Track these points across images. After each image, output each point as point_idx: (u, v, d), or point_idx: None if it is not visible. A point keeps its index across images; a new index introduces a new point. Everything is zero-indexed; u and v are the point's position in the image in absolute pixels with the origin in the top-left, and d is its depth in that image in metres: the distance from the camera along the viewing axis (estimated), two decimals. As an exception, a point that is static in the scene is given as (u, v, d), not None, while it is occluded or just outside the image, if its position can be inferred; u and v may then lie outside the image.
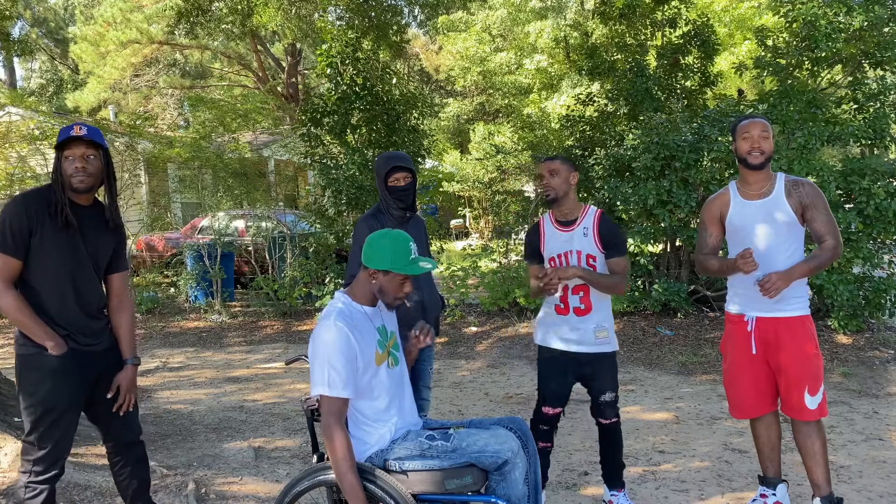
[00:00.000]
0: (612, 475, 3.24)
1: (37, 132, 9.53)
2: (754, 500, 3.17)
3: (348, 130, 8.42)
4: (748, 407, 3.07)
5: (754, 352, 2.96)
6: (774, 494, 3.10)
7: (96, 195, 2.69)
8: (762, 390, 3.01)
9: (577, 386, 3.25)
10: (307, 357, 2.65)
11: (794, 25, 7.20)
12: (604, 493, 3.31)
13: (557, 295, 3.08)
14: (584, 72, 8.79)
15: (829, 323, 6.38)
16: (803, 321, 2.92)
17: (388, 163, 3.15)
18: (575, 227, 3.10)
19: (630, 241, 7.27)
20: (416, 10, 17.33)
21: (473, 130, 21.97)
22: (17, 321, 2.50)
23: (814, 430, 2.93)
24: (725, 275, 3.06)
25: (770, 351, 2.93)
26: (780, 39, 7.56)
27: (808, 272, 2.84)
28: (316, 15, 14.66)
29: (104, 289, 2.77)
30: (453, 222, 21.84)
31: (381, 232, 2.43)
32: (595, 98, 8.53)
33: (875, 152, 7.08)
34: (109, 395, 2.66)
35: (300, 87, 20.33)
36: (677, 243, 7.59)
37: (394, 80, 8.89)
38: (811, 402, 2.89)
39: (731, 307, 3.08)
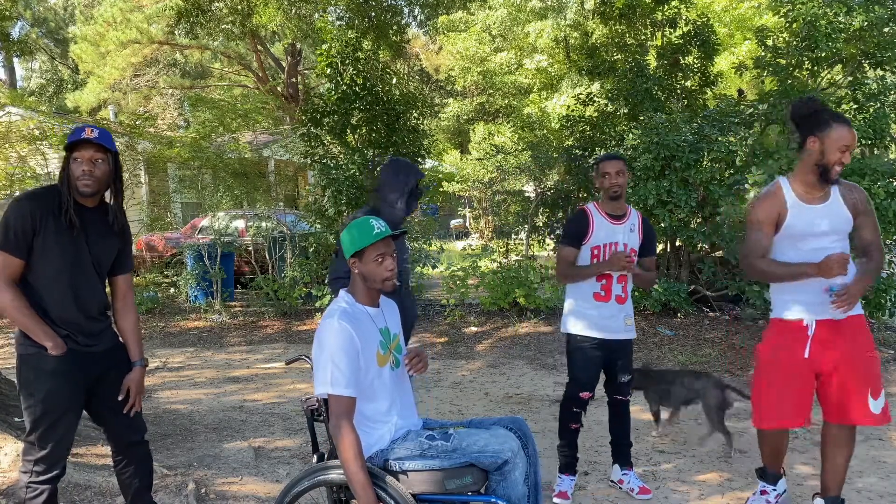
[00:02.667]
0: (623, 452, 3.52)
1: (37, 132, 9.53)
2: (754, 495, 3.16)
3: (348, 130, 8.42)
4: (787, 416, 2.87)
5: (806, 356, 2.80)
6: (775, 489, 3.09)
7: (104, 197, 2.68)
8: (804, 399, 2.85)
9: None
10: (307, 357, 2.65)
11: (794, 25, 7.20)
12: (613, 473, 3.55)
13: (600, 283, 3.33)
14: (584, 72, 8.80)
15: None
16: (860, 320, 2.82)
17: (418, 172, 3.34)
18: (625, 221, 3.39)
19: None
20: (416, 10, 17.33)
21: (473, 130, 21.98)
22: (16, 320, 2.50)
23: (852, 437, 2.84)
24: (792, 280, 2.81)
25: (828, 354, 2.78)
26: (780, 39, 7.56)
27: (872, 282, 2.82)
28: (316, 15, 14.66)
29: (108, 290, 2.77)
30: (453, 222, 21.85)
31: (347, 227, 2.46)
32: (595, 98, 8.53)
33: (875, 152, 7.08)
34: (120, 398, 2.66)
35: (300, 87, 20.31)
36: (677, 243, 7.59)
37: (394, 80, 8.88)
38: (875, 406, 2.76)
39: (789, 314, 2.86)
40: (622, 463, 3.52)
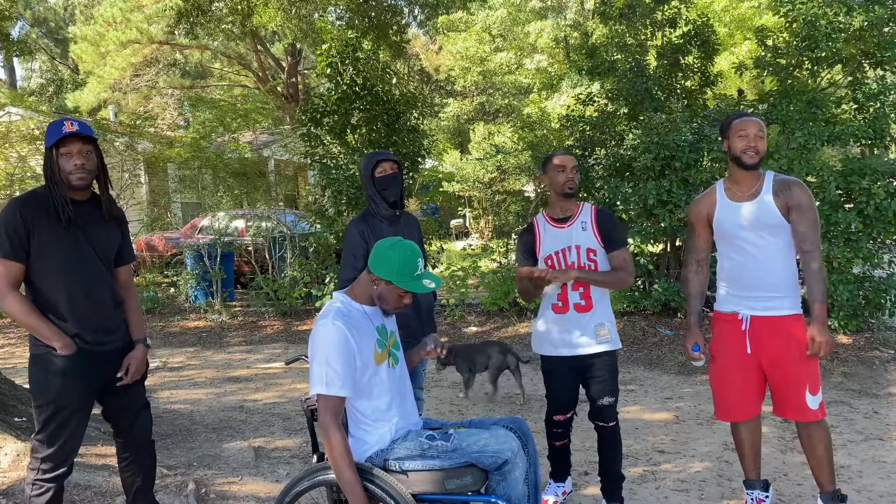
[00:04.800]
0: (611, 487, 3.16)
1: (37, 132, 9.53)
2: None
3: (348, 130, 8.42)
4: (737, 409, 2.99)
5: (749, 351, 2.90)
6: (768, 496, 3.08)
7: (92, 189, 2.68)
8: (752, 392, 2.95)
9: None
10: (307, 357, 2.65)
11: (794, 25, 7.19)
12: None
13: (555, 293, 3.06)
14: (584, 72, 8.78)
15: (829, 323, 6.38)
16: (797, 319, 2.87)
17: (373, 157, 3.20)
18: (572, 222, 3.08)
19: (630, 241, 7.26)
20: (416, 10, 17.32)
21: (473, 130, 21.99)
22: (23, 323, 2.50)
23: (822, 430, 2.90)
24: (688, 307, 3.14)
25: (765, 351, 2.87)
26: (780, 39, 7.55)
27: (825, 303, 2.80)
28: (316, 15, 14.65)
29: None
30: (453, 222, 21.83)
31: (392, 241, 2.41)
32: (595, 98, 8.52)
33: (875, 152, 7.08)
34: (119, 374, 2.65)
35: (300, 87, 20.32)
36: (677, 243, 7.59)
37: (394, 80, 8.88)
38: (813, 401, 2.84)
39: (725, 306, 2.99)
40: (609, 498, 3.15)
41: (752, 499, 3.09)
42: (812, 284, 2.81)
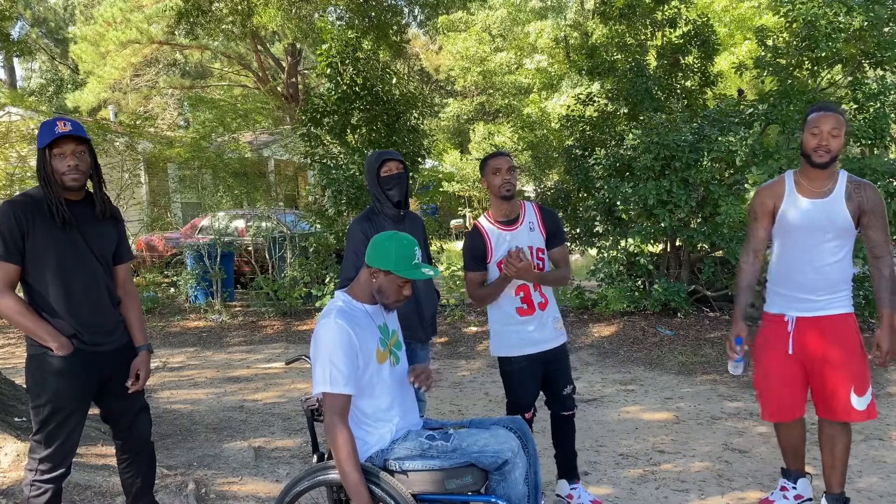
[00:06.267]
0: (571, 466, 3.27)
1: (36, 132, 9.52)
2: (773, 493, 3.15)
3: (348, 130, 8.42)
4: (781, 409, 2.95)
5: (790, 352, 2.86)
6: (795, 487, 3.09)
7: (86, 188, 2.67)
8: (795, 393, 2.91)
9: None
10: (307, 357, 2.65)
11: (794, 25, 7.19)
12: (560, 488, 3.27)
13: (518, 297, 3.10)
14: (584, 72, 8.78)
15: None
16: (847, 319, 2.83)
17: (380, 156, 3.21)
18: (519, 224, 3.13)
19: (630, 241, 7.27)
20: (416, 10, 17.33)
21: (473, 130, 21.99)
22: (18, 324, 2.50)
23: (845, 430, 2.89)
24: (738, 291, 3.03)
25: (808, 351, 2.83)
26: (780, 39, 7.55)
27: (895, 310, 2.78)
28: (316, 15, 14.66)
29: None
30: (453, 222, 21.85)
31: (389, 233, 2.43)
32: (595, 98, 8.52)
33: (875, 152, 7.07)
34: (129, 383, 2.67)
35: (300, 87, 20.33)
36: (677, 243, 7.59)
37: (394, 80, 8.88)
38: (858, 402, 2.80)
39: (772, 307, 2.96)
40: (570, 477, 3.26)
41: (780, 485, 3.14)
42: (882, 291, 2.78)
